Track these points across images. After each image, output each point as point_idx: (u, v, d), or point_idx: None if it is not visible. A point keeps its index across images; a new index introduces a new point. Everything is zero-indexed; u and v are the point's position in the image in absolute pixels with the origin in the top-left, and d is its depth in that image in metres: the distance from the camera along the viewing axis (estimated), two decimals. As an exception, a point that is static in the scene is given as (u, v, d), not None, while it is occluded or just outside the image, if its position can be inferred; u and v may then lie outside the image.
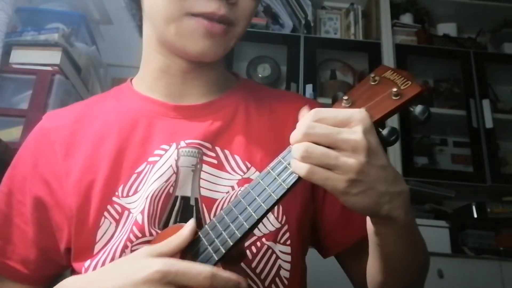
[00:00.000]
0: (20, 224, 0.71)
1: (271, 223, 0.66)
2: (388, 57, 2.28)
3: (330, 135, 0.50)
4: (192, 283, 0.50)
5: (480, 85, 2.27)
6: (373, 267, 0.65)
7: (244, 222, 0.54)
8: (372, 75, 0.57)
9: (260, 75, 2.31)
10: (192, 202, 0.66)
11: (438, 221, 2.02)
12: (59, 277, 0.76)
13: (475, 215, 2.07)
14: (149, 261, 0.52)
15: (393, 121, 2.11)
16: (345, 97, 0.56)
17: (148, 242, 0.63)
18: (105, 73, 2.08)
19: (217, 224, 0.56)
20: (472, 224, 2.09)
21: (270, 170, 0.55)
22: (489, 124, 2.18)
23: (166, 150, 0.68)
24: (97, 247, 0.65)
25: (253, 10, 0.69)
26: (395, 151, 2.10)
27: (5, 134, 1.32)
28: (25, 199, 0.71)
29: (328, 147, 0.50)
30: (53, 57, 1.46)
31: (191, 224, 0.57)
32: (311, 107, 0.54)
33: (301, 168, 0.50)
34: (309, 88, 2.17)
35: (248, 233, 0.54)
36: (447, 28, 2.55)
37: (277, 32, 2.35)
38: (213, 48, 0.67)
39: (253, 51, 2.33)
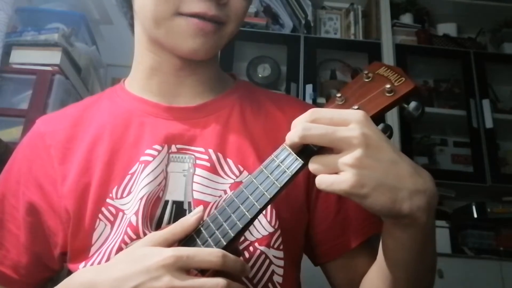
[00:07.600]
0: (13, 229, 0.70)
1: (263, 227, 0.65)
2: (388, 57, 2.28)
3: (326, 135, 0.48)
4: (204, 264, 0.51)
5: (480, 85, 2.27)
6: (376, 277, 0.63)
7: (237, 222, 0.53)
8: (366, 71, 0.56)
9: (260, 75, 2.31)
10: (186, 206, 0.66)
11: (438, 221, 2.01)
12: (50, 280, 0.76)
13: (475, 215, 2.07)
14: (160, 248, 0.53)
15: (393, 121, 2.11)
16: (338, 95, 0.55)
17: None
18: (105, 73, 2.08)
19: (210, 223, 0.55)
20: (472, 224, 2.09)
21: (263, 169, 0.54)
22: (489, 124, 2.18)
23: (158, 151, 0.68)
24: (92, 249, 0.65)
25: (245, 10, 0.68)
26: (395, 151, 2.10)
27: (5, 134, 1.32)
28: (18, 204, 0.70)
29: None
30: (53, 57, 1.46)
31: (197, 211, 0.56)
32: None
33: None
34: (309, 88, 2.17)
35: (242, 232, 0.54)
36: (447, 28, 2.54)
37: (277, 32, 2.34)
38: (204, 46, 0.66)
39: (253, 51, 2.32)
